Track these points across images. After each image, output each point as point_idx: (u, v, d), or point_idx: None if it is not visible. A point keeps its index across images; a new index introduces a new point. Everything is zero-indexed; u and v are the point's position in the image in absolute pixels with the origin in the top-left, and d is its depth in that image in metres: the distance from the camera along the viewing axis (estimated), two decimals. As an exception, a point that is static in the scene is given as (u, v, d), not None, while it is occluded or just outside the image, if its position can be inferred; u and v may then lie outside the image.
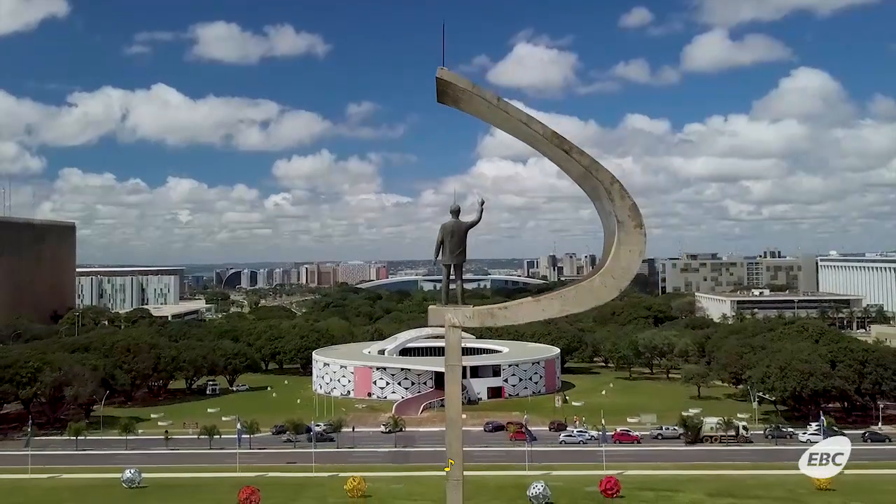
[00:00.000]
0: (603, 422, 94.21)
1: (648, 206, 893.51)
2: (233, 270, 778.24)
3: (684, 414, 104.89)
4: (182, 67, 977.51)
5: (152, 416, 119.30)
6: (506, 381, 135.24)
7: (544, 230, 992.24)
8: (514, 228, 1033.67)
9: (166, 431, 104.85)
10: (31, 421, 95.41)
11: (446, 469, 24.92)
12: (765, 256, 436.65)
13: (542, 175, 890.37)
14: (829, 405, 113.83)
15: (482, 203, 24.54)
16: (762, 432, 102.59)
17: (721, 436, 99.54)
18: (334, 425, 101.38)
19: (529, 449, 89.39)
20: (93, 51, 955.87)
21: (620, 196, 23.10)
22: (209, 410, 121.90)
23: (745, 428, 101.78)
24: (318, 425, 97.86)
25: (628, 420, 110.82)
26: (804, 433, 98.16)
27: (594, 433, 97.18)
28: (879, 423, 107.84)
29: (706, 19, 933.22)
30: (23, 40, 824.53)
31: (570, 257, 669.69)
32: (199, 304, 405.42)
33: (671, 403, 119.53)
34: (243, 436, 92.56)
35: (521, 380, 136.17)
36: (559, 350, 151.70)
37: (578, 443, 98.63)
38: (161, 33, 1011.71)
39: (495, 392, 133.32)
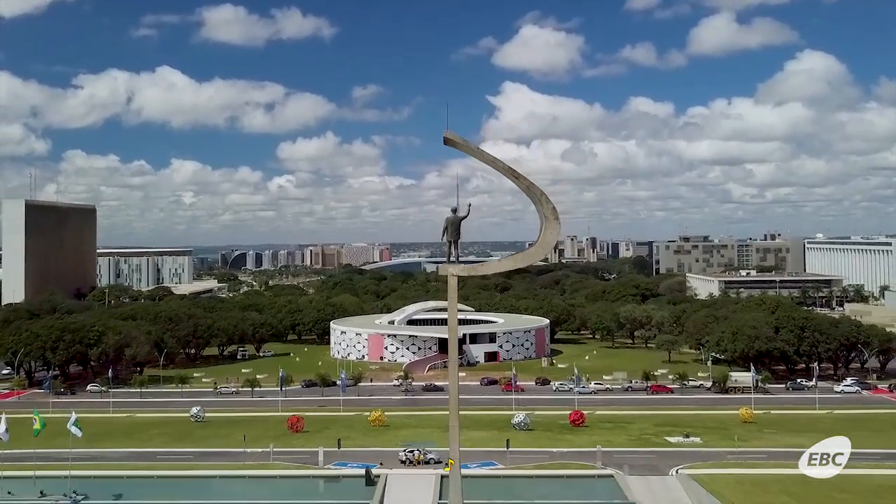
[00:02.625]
0: (576, 374, 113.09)
1: (651, 189, 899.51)
2: (238, 252, 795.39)
3: (650, 371, 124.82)
4: (188, 50, 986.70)
5: (195, 374, 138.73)
6: (500, 346, 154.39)
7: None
8: (518, 211, 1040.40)
9: (215, 382, 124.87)
10: (111, 371, 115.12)
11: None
12: (765, 239, 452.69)
13: (546, 158, 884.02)
14: (779, 366, 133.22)
15: (469, 205, 43.18)
16: (784, 385, 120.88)
17: (744, 387, 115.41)
18: (355, 378, 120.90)
19: (517, 396, 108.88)
20: (100, 33, 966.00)
21: (546, 202, 41.57)
22: (243, 371, 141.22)
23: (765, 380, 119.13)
24: (343, 378, 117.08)
25: (604, 377, 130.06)
26: (839, 386, 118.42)
27: (571, 385, 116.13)
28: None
29: (713, 2, 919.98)
30: (31, 22, 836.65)
31: (572, 240, 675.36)
32: (212, 283, 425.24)
33: (643, 365, 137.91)
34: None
35: (513, 346, 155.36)
36: (549, 321, 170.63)
37: (568, 390, 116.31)
38: (168, 16, 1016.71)
39: (491, 356, 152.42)
